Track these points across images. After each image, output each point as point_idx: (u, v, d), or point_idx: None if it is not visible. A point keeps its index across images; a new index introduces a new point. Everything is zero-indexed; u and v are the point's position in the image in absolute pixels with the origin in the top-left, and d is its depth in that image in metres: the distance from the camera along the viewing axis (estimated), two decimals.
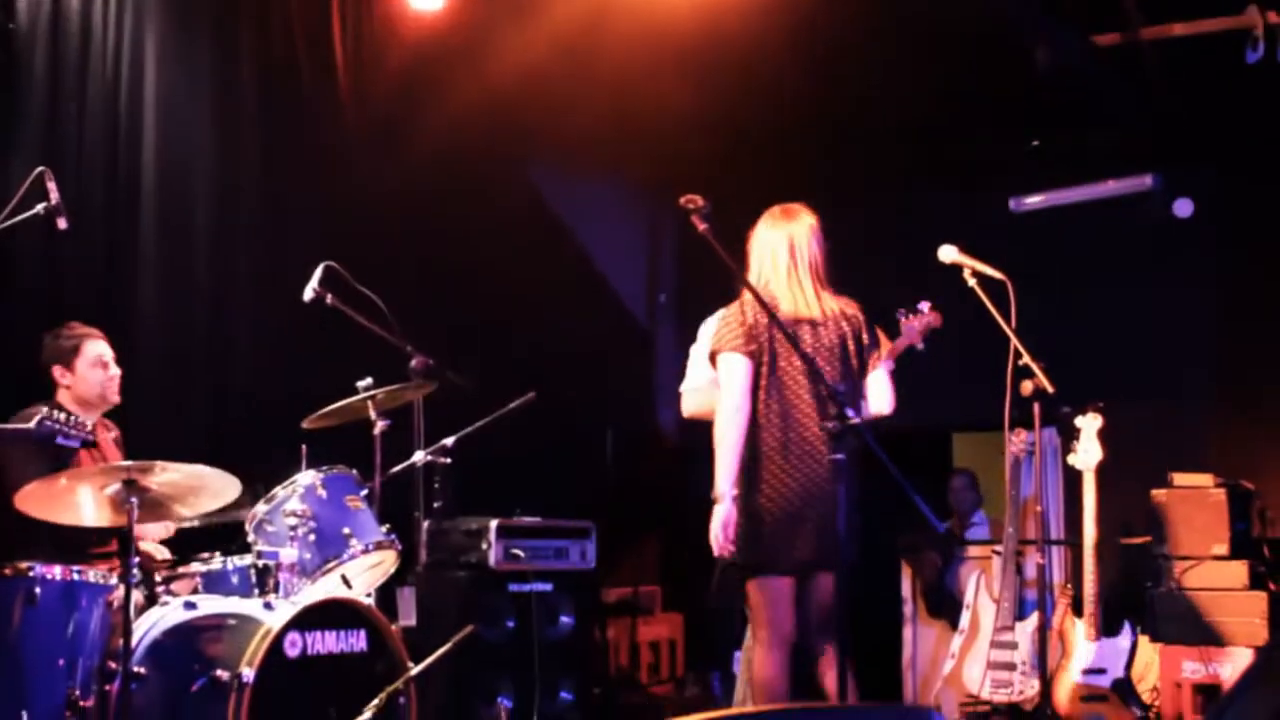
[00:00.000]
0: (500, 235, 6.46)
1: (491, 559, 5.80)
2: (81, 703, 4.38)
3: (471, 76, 6.62)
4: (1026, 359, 4.85)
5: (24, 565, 4.41)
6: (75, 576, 4.47)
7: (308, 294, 5.27)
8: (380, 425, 5.26)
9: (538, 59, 6.54)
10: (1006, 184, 7.16)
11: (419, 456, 5.34)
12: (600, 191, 7.65)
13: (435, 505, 5.65)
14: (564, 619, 6.17)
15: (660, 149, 7.30)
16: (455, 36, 6.63)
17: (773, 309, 4.30)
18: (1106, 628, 5.77)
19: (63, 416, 4.25)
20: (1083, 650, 5.73)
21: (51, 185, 4.44)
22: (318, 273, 5.28)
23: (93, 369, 5.09)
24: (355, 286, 5.33)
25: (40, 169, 4.47)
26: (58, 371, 5.10)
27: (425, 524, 5.36)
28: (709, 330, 5.09)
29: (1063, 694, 5.71)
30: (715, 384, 4.96)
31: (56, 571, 4.43)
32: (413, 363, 5.38)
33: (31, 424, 4.18)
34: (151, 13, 6.08)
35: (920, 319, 5.29)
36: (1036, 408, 4.92)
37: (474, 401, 5.71)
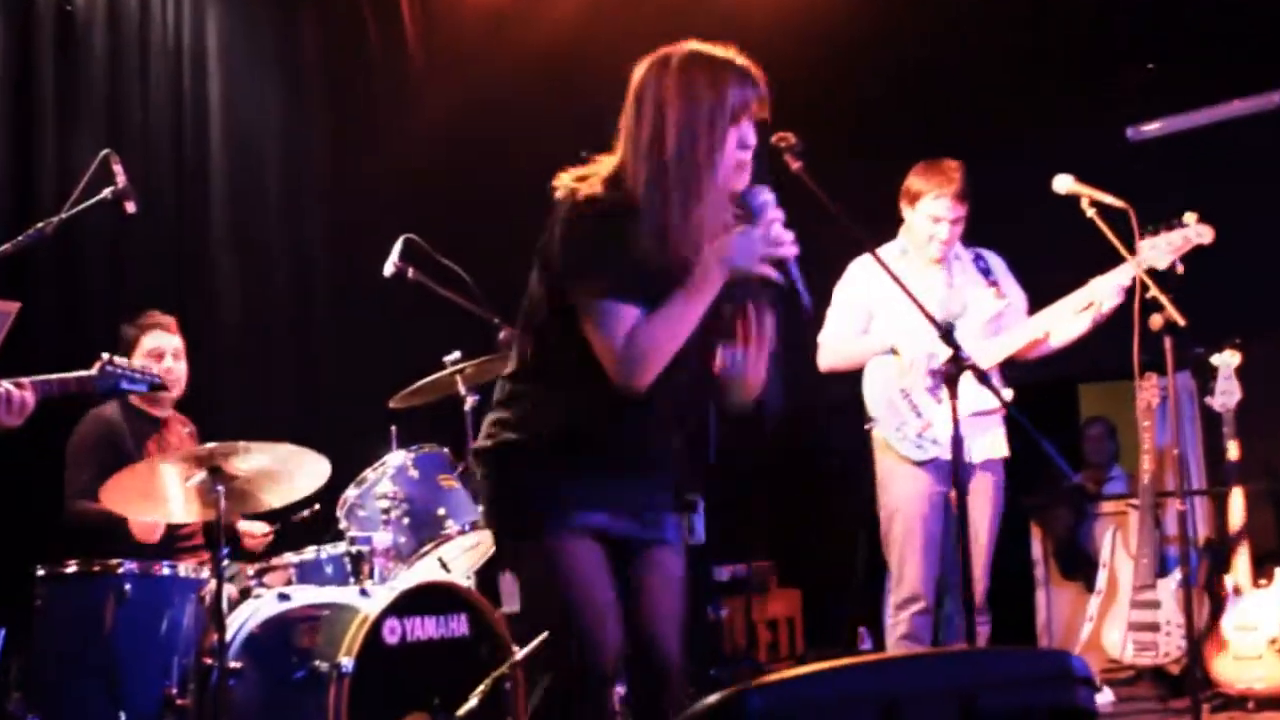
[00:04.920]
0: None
1: None
2: (179, 701, 4.43)
3: (545, 32, 6.56)
4: (1154, 290, 4.64)
5: (114, 562, 4.46)
6: (166, 572, 4.51)
7: (388, 269, 5.24)
8: (470, 401, 5.21)
9: (611, 13, 6.47)
10: (1123, 113, 6.93)
11: None
12: None
13: None
14: None
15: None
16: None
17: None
18: (1257, 580, 5.54)
19: (124, 361, 4.10)
20: (1233, 606, 5.50)
21: (118, 168, 4.43)
22: (397, 246, 5.25)
23: (148, 362, 4.98)
24: (437, 259, 5.29)
25: (105, 151, 4.46)
26: None
27: None
28: (854, 276, 4.99)
29: (1213, 654, 5.49)
30: (862, 333, 4.94)
31: (147, 568, 4.48)
32: (501, 334, 5.29)
33: (94, 370, 4.01)
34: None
35: (1181, 233, 4.68)
36: (1168, 343, 4.71)
37: None
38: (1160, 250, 4.69)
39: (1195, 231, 4.69)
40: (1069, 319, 4.83)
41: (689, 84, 2.84)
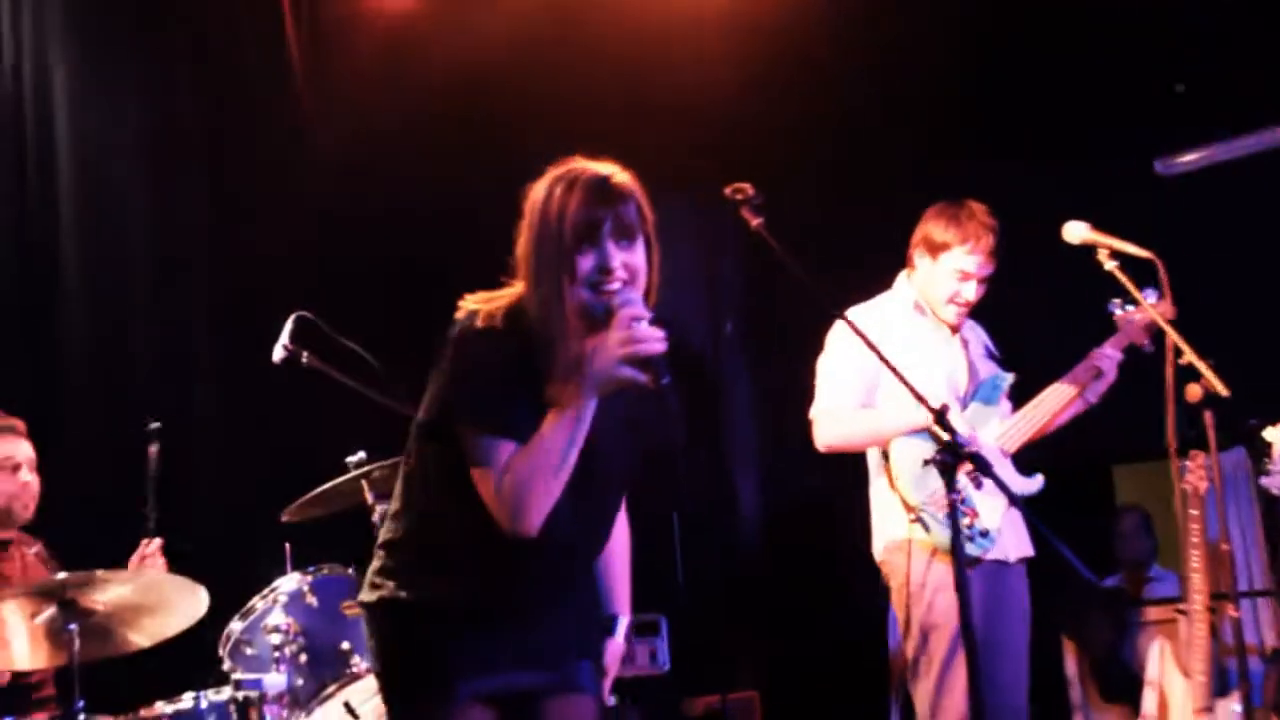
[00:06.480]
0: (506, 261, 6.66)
1: None
2: None
3: (457, 67, 6.68)
4: (1190, 356, 4.72)
5: None
6: None
7: (278, 353, 5.26)
8: (379, 510, 5.18)
9: (537, 38, 6.59)
10: (1148, 142, 7.04)
11: None
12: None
13: None
14: None
15: (710, 140, 7.24)
16: (433, 22, 6.68)
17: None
18: None
19: None
20: None
21: None
22: (288, 326, 5.27)
23: None
24: (336, 339, 5.31)
25: None
26: None
27: None
28: (846, 341, 4.97)
29: None
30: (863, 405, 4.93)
31: None
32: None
33: None
34: (56, 33, 6.29)
35: (1142, 312, 4.96)
36: (1208, 418, 4.78)
37: None
38: (1134, 327, 5.00)
39: (1163, 308, 4.90)
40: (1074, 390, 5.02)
41: (541, 208, 3.10)
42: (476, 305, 3.13)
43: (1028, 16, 6.77)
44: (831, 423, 4.96)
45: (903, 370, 4.56)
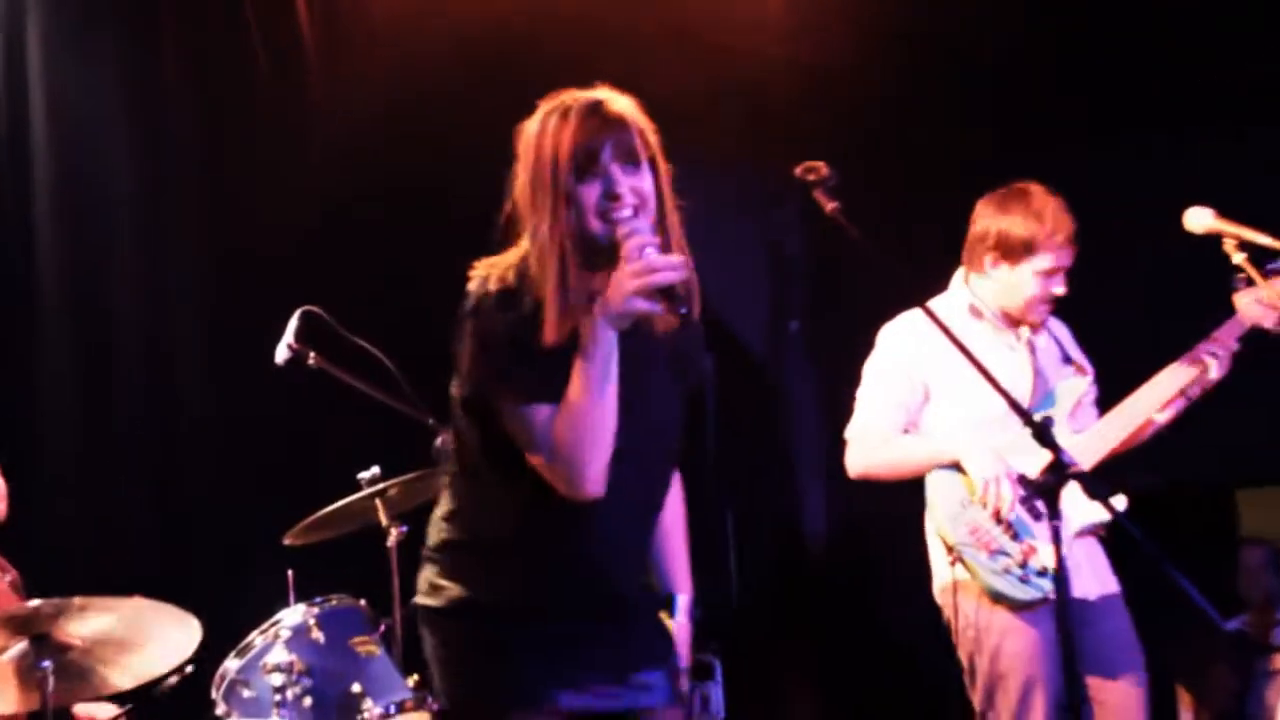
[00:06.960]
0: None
1: None
2: None
3: (476, 40, 6.69)
4: None
5: None
6: None
7: (281, 353, 5.22)
8: (396, 533, 5.18)
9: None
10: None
11: None
12: (691, 180, 7.64)
13: None
14: None
15: (777, 116, 7.17)
16: None
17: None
18: None
19: None
20: None
21: None
22: (293, 322, 5.23)
23: None
24: (348, 338, 5.26)
25: None
26: None
27: None
28: (903, 342, 4.87)
29: None
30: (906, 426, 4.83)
31: None
32: (438, 440, 5.21)
33: None
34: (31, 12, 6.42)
35: (1271, 289, 4.65)
36: None
37: None
38: (1258, 308, 4.69)
39: None
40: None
41: (536, 142, 3.21)
42: (486, 270, 3.22)
43: None
44: (860, 449, 4.92)
45: (958, 382, 4.65)
